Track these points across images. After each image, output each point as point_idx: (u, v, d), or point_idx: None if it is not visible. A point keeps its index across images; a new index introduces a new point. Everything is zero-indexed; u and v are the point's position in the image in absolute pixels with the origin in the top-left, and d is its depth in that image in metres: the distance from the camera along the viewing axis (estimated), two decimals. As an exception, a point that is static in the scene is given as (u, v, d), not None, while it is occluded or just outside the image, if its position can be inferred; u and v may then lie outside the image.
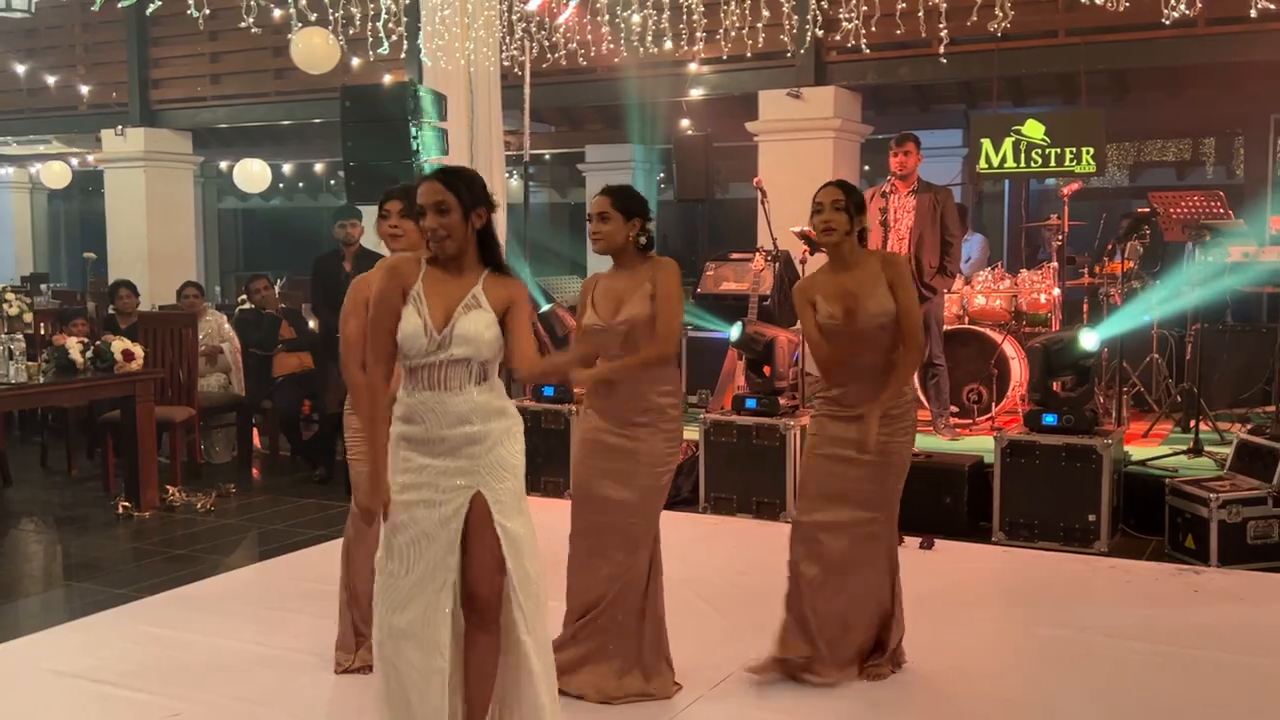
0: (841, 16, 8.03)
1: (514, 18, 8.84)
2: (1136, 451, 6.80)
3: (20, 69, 12.51)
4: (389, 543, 3.16)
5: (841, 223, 4.09)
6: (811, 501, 4.24)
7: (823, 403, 4.26)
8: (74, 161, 16.04)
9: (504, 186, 8.95)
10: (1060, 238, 7.89)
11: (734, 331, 7.08)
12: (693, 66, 9.33)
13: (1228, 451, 6.36)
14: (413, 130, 7.55)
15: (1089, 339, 6.35)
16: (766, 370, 6.90)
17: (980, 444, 6.94)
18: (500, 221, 3.74)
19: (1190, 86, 10.09)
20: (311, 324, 8.50)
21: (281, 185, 17.87)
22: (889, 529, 4.28)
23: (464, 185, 3.14)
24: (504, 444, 3.18)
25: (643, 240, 4.02)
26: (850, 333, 4.10)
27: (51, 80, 12.53)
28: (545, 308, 7.28)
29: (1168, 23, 7.30)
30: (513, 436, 3.22)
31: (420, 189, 3.16)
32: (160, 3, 8.60)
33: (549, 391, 7.33)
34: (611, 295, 4.02)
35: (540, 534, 3.29)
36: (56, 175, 16.07)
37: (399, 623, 3.13)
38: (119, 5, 9.24)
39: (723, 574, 5.55)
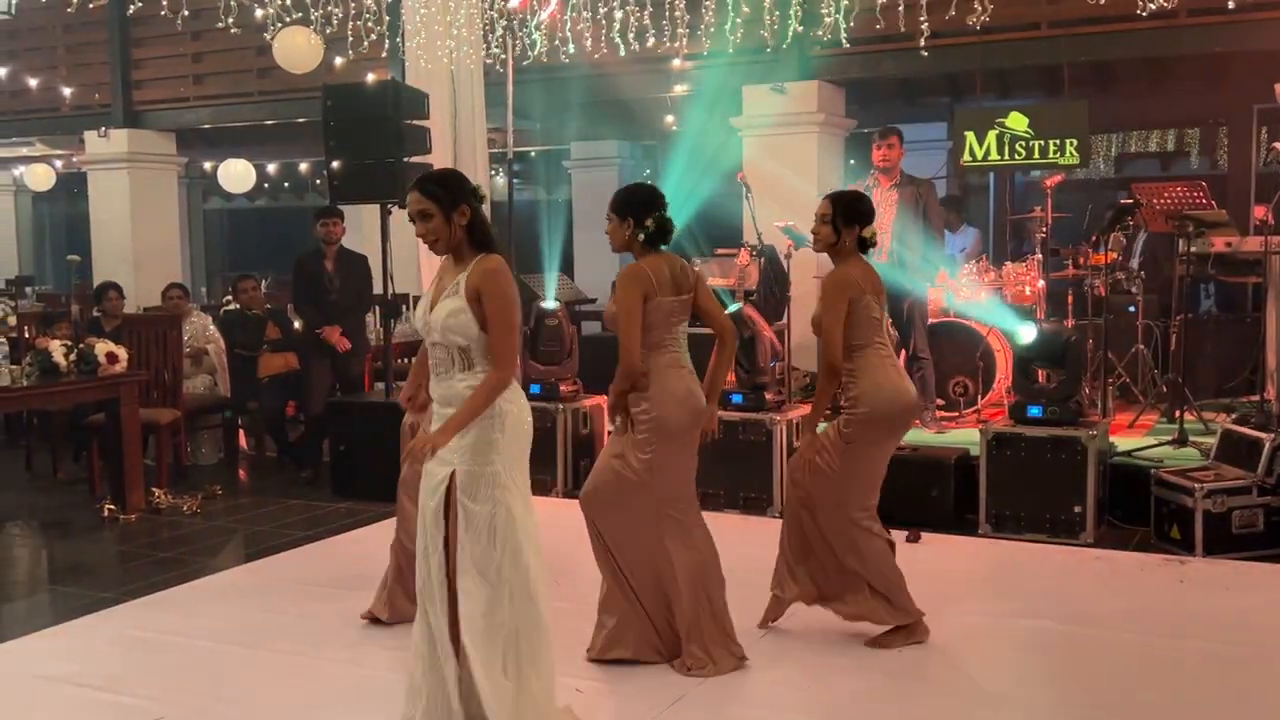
0: (823, 11, 8.02)
1: (495, 14, 8.81)
2: (1122, 442, 6.82)
3: (1, 71, 12.44)
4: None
5: (825, 234, 4.46)
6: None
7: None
8: (58, 163, 15.95)
9: (489, 184, 8.93)
10: (1044, 230, 7.90)
11: (730, 307, 7.12)
12: (676, 62, 9.31)
13: (1213, 441, 6.38)
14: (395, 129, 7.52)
15: (1025, 333, 6.50)
16: (763, 361, 6.88)
17: (966, 437, 6.95)
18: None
19: (1173, 77, 10.11)
20: (297, 324, 8.48)
21: (266, 185, 17.78)
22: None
23: (441, 188, 3.36)
24: (482, 429, 3.33)
25: (641, 237, 4.18)
26: None
27: (33, 82, 12.45)
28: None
29: (1144, 14, 7.32)
30: (495, 425, 3.34)
31: (408, 199, 3.39)
32: (141, 3, 8.56)
33: (535, 389, 7.32)
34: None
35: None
36: (40, 178, 15.99)
37: (414, 584, 3.45)
38: (91, 5, 9.17)
39: (710, 570, 5.53)
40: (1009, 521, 6.15)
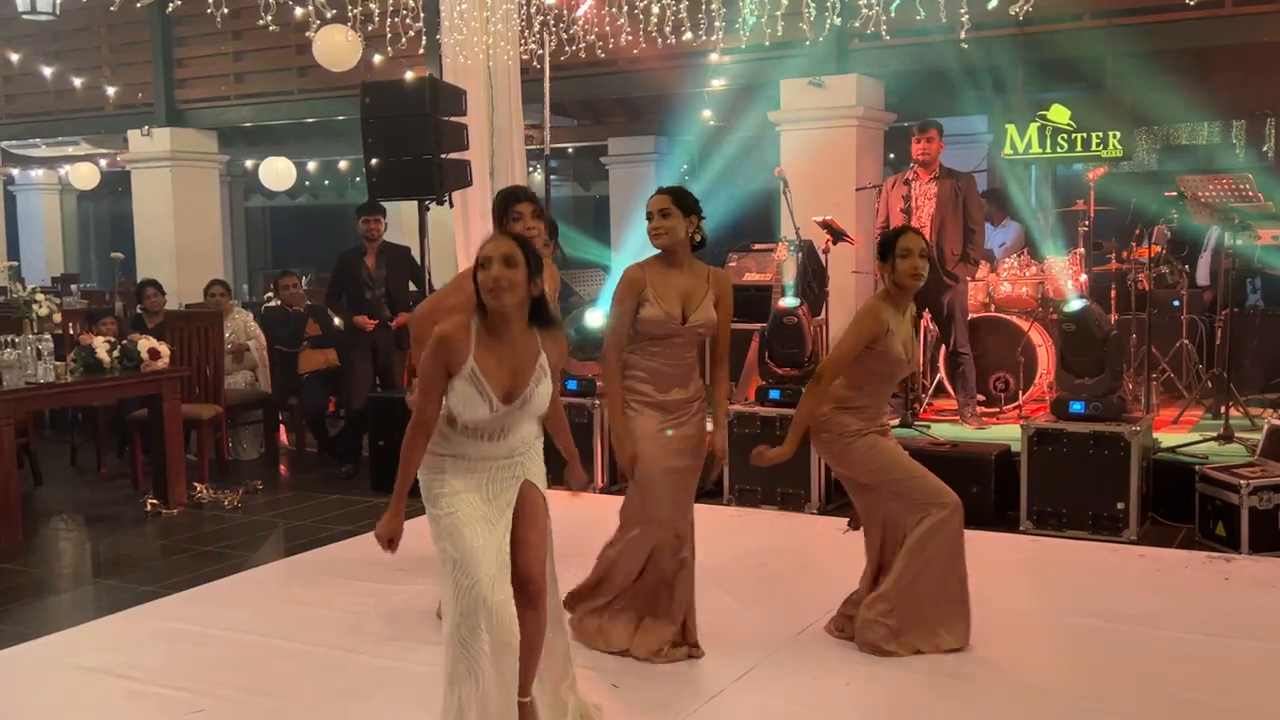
0: (862, 3, 7.95)
1: (532, 10, 8.81)
2: (1166, 438, 6.73)
3: (47, 71, 12.60)
4: (458, 535, 3.30)
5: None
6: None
7: (859, 418, 4.39)
8: (102, 162, 16.13)
9: (525, 181, 8.94)
10: (1086, 223, 7.81)
11: (788, 300, 7.13)
12: (713, 56, 9.27)
13: (1259, 437, 6.29)
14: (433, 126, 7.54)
15: (1074, 303, 6.50)
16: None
17: (1007, 433, 6.89)
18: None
19: (1219, 68, 9.94)
20: (337, 321, 8.53)
21: (307, 183, 17.94)
22: None
23: (533, 253, 3.34)
24: (538, 442, 3.52)
25: (697, 238, 4.22)
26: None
27: (78, 82, 12.60)
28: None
29: (1190, 3, 7.21)
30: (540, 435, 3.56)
31: (492, 242, 3.31)
32: (182, 2, 8.63)
33: (572, 385, 7.34)
34: (674, 292, 4.18)
35: (568, 524, 3.64)
36: (85, 176, 16.19)
37: (483, 607, 3.25)
38: (138, 4, 9.26)
39: (745, 566, 5.53)
40: (1051, 519, 6.09)
